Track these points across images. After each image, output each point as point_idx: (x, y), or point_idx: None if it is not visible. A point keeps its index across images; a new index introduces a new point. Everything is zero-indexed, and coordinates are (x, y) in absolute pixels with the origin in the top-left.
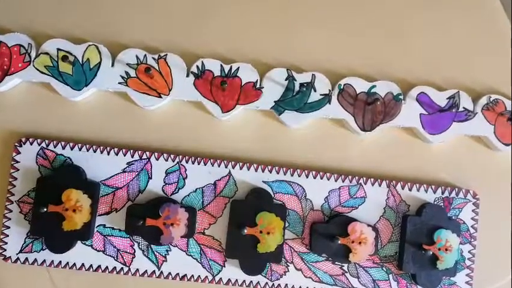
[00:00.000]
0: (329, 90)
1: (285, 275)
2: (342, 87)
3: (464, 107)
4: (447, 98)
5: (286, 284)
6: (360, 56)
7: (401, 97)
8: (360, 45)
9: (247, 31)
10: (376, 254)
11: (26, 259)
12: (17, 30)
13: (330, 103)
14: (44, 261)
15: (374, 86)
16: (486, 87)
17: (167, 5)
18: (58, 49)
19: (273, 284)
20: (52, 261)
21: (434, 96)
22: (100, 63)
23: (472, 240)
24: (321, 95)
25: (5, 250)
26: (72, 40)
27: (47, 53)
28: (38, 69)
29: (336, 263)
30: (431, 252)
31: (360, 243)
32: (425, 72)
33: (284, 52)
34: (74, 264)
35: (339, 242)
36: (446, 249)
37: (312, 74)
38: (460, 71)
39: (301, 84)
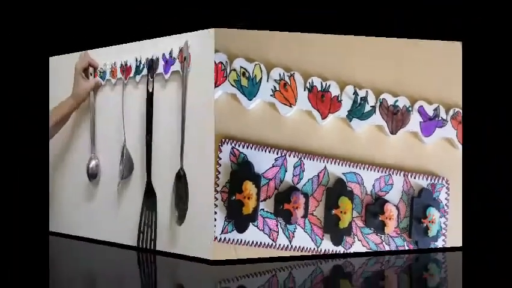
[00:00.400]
0: (374, 103)
1: (353, 245)
2: (381, 100)
3: (441, 117)
4: (433, 110)
5: (354, 251)
6: (388, 77)
7: (410, 109)
8: (388, 71)
9: (335, 58)
10: (398, 226)
11: (224, 239)
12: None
13: (375, 113)
14: (233, 240)
15: (397, 100)
16: (454, 102)
17: (291, 38)
18: (241, 66)
19: (347, 251)
20: (237, 240)
21: (427, 108)
22: (261, 79)
23: (446, 214)
24: (370, 106)
25: (215, 232)
26: (247, 59)
27: (234, 70)
28: (230, 83)
29: (378, 234)
30: (425, 224)
31: (390, 219)
32: (423, 91)
33: (352, 73)
34: (247, 241)
35: (380, 218)
36: (433, 222)
37: (366, 91)
38: (441, 91)
39: (361, 98)
